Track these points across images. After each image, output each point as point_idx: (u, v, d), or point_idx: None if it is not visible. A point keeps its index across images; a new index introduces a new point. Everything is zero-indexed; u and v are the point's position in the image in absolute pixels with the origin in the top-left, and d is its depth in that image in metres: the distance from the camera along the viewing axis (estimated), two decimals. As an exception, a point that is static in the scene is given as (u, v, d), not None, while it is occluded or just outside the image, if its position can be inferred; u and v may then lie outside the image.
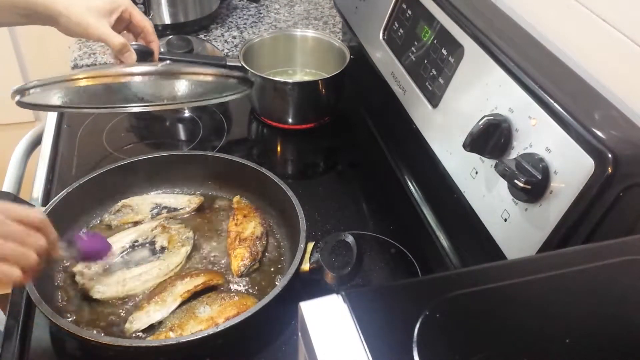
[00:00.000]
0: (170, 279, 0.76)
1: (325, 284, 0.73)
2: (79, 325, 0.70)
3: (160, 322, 0.71)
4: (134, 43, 0.88)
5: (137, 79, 0.79)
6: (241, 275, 0.78)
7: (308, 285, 0.74)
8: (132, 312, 0.72)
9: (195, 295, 0.74)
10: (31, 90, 0.78)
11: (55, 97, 0.87)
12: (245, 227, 0.82)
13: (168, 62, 0.85)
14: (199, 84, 0.88)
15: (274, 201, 0.85)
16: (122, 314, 0.73)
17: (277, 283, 0.74)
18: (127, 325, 0.70)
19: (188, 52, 1.11)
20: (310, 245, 0.76)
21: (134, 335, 0.70)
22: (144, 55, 0.88)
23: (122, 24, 0.88)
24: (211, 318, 0.70)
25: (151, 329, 0.71)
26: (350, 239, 0.75)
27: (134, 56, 0.84)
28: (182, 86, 0.90)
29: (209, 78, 0.83)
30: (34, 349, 0.72)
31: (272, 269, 0.80)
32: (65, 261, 0.76)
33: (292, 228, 0.80)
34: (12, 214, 0.58)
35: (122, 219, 0.84)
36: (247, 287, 0.77)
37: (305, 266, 0.74)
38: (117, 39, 0.82)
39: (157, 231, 0.82)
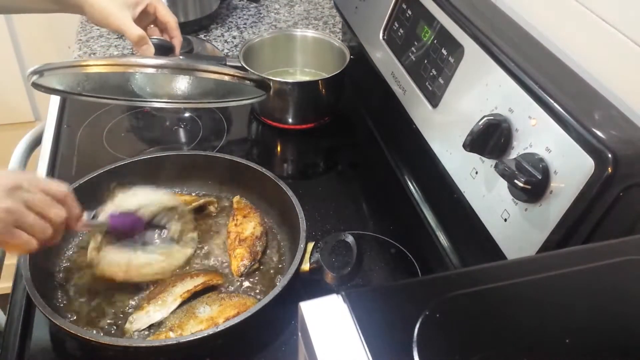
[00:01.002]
0: (171, 279, 0.76)
1: (325, 284, 0.73)
2: (79, 325, 0.70)
3: (160, 322, 0.71)
4: (154, 37, 0.87)
5: (151, 70, 0.78)
6: (241, 275, 0.78)
7: (308, 286, 0.74)
8: (132, 312, 0.72)
9: (195, 296, 0.74)
10: (46, 73, 0.78)
11: (72, 84, 0.87)
12: (245, 227, 0.82)
13: (182, 57, 0.84)
14: (213, 82, 0.88)
15: (274, 201, 0.85)
16: (122, 314, 0.73)
17: (277, 283, 0.74)
18: (127, 325, 0.70)
19: (188, 52, 1.11)
20: (310, 245, 0.76)
21: (134, 335, 0.70)
22: (164, 50, 0.87)
23: (148, 18, 0.89)
24: (211, 318, 0.70)
25: (151, 329, 0.71)
26: (350, 239, 0.75)
27: (152, 49, 0.84)
28: (196, 84, 0.89)
29: (226, 78, 0.82)
30: (34, 349, 0.72)
31: (272, 269, 0.80)
32: (92, 233, 0.76)
33: (292, 228, 0.80)
34: (38, 184, 0.61)
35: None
36: (247, 287, 0.77)
37: (305, 266, 0.74)
38: (135, 31, 0.82)
39: (173, 215, 0.81)
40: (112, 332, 0.71)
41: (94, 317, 0.73)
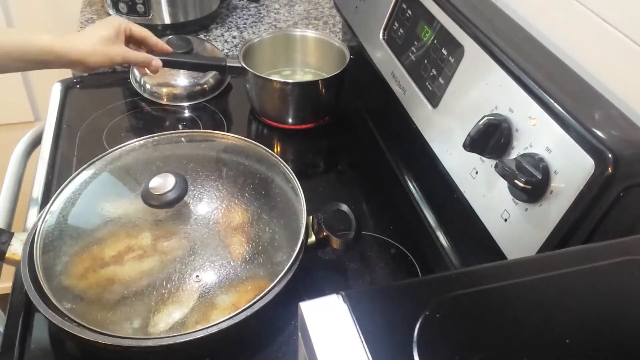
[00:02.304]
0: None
1: (332, 252, 0.79)
2: (79, 326, 0.69)
3: (183, 320, 0.70)
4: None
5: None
6: (244, 261, 0.77)
7: (316, 259, 0.79)
8: (152, 315, 0.71)
9: (208, 288, 0.73)
10: None
11: None
12: (237, 214, 0.81)
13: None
14: None
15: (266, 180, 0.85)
16: (123, 314, 0.73)
17: (283, 263, 0.73)
18: (150, 329, 0.69)
19: (188, 52, 1.11)
20: (310, 219, 0.77)
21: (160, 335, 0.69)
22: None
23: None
24: (233, 305, 0.69)
25: (175, 327, 0.70)
26: (344, 207, 0.79)
27: (160, 62, 0.96)
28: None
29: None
30: (34, 350, 0.72)
31: (275, 250, 0.78)
32: None
33: (289, 207, 0.80)
34: None
35: None
36: (254, 271, 0.76)
37: (312, 239, 0.75)
38: (141, 55, 0.94)
39: None
40: (113, 332, 0.71)
41: (94, 318, 0.72)
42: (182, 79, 1.15)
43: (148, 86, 1.15)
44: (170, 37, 1.15)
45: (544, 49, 0.71)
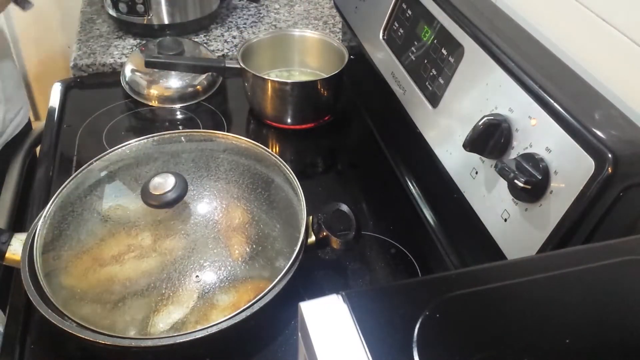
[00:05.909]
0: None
1: (332, 252, 0.80)
2: (79, 326, 0.69)
3: (184, 320, 0.70)
4: None
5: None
6: (243, 262, 0.77)
7: (316, 259, 0.79)
8: (152, 316, 0.71)
9: (208, 288, 0.73)
10: None
11: None
12: (237, 214, 0.81)
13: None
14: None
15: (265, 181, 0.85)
16: (123, 314, 0.73)
17: (282, 263, 0.73)
18: (150, 329, 0.69)
19: (178, 54, 1.11)
20: (310, 219, 0.77)
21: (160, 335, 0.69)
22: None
23: None
24: (233, 304, 0.69)
25: (175, 327, 0.70)
26: (344, 207, 0.79)
27: None
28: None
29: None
30: (34, 350, 0.72)
31: (274, 251, 0.79)
32: None
33: (287, 207, 0.80)
34: None
35: None
36: (255, 272, 0.76)
37: (312, 239, 0.75)
38: None
39: None
40: (112, 332, 0.71)
41: (94, 318, 0.72)
42: (174, 81, 1.14)
43: (140, 88, 1.14)
44: (160, 39, 1.14)
45: (544, 49, 0.71)
